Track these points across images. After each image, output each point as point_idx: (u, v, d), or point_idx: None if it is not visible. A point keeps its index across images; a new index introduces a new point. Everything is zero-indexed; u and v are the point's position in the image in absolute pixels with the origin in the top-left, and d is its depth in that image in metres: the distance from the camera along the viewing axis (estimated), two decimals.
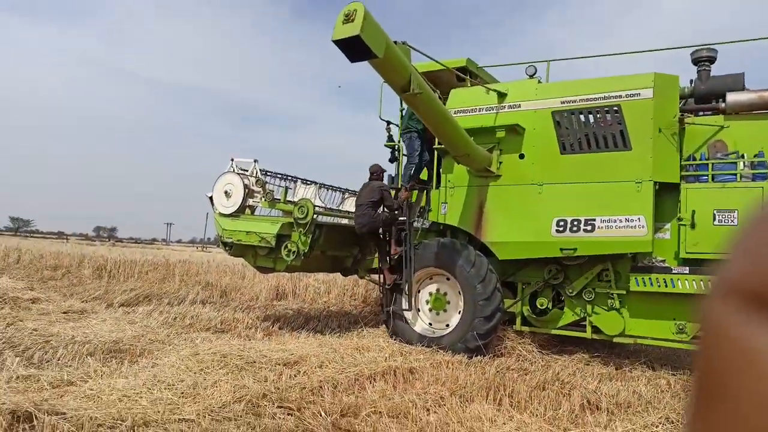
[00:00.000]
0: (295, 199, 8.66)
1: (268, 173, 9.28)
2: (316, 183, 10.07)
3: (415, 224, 7.79)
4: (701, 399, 0.33)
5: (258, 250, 7.95)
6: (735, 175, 6.22)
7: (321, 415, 4.67)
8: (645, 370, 6.84)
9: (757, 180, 6.12)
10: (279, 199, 8.67)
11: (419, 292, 7.75)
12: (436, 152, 7.93)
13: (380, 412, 4.89)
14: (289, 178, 9.81)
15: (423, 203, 8.05)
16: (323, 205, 10.02)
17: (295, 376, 5.83)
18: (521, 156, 7.23)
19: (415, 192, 8.01)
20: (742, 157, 6.27)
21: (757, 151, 6.23)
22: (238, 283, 12.91)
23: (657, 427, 4.83)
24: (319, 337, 7.76)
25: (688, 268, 6.32)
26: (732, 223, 6.11)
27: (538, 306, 7.46)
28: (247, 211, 8.68)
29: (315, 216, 7.70)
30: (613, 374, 6.57)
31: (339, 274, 9.73)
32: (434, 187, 7.95)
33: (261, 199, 8.64)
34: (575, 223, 6.75)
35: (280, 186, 9.32)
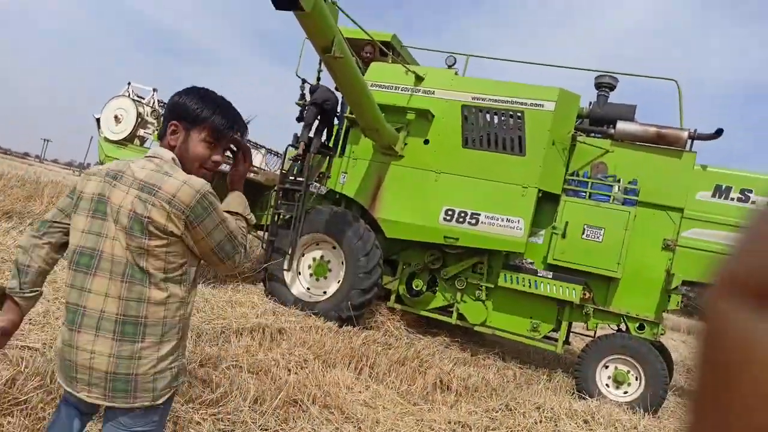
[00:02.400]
0: None
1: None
2: None
3: (311, 188, 7.74)
4: (703, 394, 0.33)
5: None
6: (609, 196, 6.80)
7: None
8: (496, 360, 7.38)
9: (627, 205, 6.73)
10: None
11: (303, 255, 7.75)
12: (345, 120, 7.90)
13: (241, 366, 4.87)
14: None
15: (323, 169, 8.00)
16: None
17: None
18: (426, 142, 7.39)
19: (318, 156, 7.94)
20: (619, 181, 6.87)
21: (632, 179, 6.85)
22: None
23: (497, 412, 5.24)
24: None
25: (551, 273, 6.86)
26: (597, 240, 6.71)
27: (414, 287, 7.75)
28: (137, 141, 8.14)
29: None
30: (467, 359, 7.02)
31: None
32: (337, 155, 7.92)
33: (154, 132, 8.14)
34: (462, 214, 7.06)
35: None
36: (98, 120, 8.11)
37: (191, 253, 1.80)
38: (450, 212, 7.12)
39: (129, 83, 8.43)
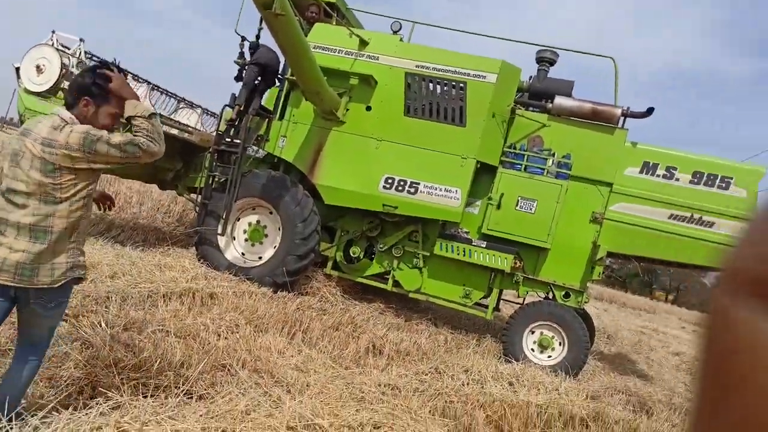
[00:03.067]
0: None
1: (94, 58, 8.19)
2: (148, 82, 9.16)
3: (248, 151, 7.52)
4: (708, 389, 0.33)
5: None
6: (543, 169, 6.98)
7: (100, 326, 4.37)
8: (429, 326, 7.55)
9: (560, 178, 6.94)
10: None
11: (238, 220, 7.57)
12: (286, 83, 7.67)
13: (168, 331, 4.74)
14: (119, 71, 8.78)
15: (262, 131, 7.77)
16: (152, 108, 9.18)
17: None
18: (368, 108, 7.30)
19: (257, 118, 7.70)
20: (553, 155, 7.05)
21: (566, 153, 7.04)
22: None
23: (426, 375, 5.37)
24: (118, 248, 7.21)
25: (485, 242, 7.02)
26: (530, 211, 6.90)
27: (351, 254, 7.75)
28: (60, 94, 7.60)
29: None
30: (401, 325, 7.14)
31: (156, 186, 9.09)
32: (277, 118, 7.71)
33: None
34: (401, 183, 7.07)
35: None
36: (18, 70, 7.50)
37: (89, 178, 2.49)
38: (390, 180, 7.12)
39: (53, 32, 7.82)
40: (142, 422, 2.55)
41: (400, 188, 7.06)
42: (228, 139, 7.43)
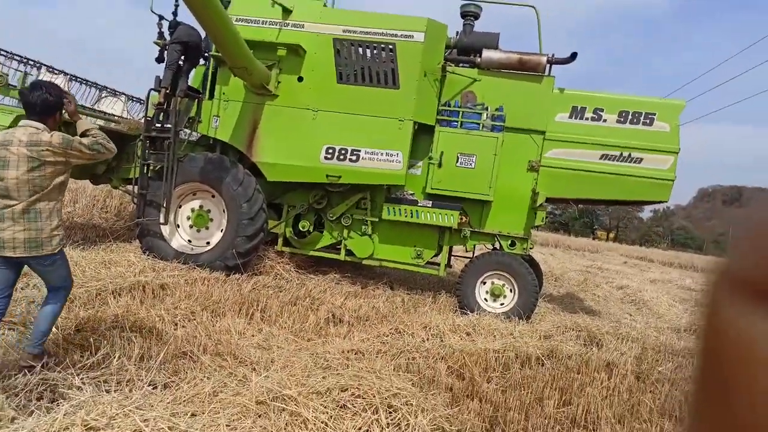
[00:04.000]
0: None
1: (2, 52, 7.67)
2: (65, 73, 8.67)
3: (180, 135, 7.30)
4: (703, 392, 0.33)
5: None
6: (479, 124, 7.13)
7: (51, 331, 4.24)
8: (385, 290, 7.69)
9: (495, 131, 7.11)
10: (15, 86, 7.28)
11: (180, 207, 7.40)
12: (212, 60, 7.45)
13: (123, 326, 4.65)
14: (31, 62, 8.26)
15: (193, 113, 7.55)
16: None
17: (22, 288, 5.17)
18: (300, 79, 7.20)
19: (185, 100, 7.46)
20: (487, 109, 7.20)
21: (498, 106, 7.20)
22: None
23: (387, 336, 5.52)
24: None
25: (431, 202, 7.16)
26: (470, 166, 7.06)
27: (300, 228, 7.74)
28: None
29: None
30: (358, 292, 7.25)
31: (88, 182, 8.72)
32: (207, 97, 7.50)
33: None
34: (342, 152, 7.07)
35: (17, 70, 7.80)
36: None
37: (65, 169, 3.44)
38: (330, 150, 7.10)
39: None
40: (109, 417, 2.54)
41: (341, 157, 7.06)
42: (158, 125, 7.17)
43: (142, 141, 7.17)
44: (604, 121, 6.97)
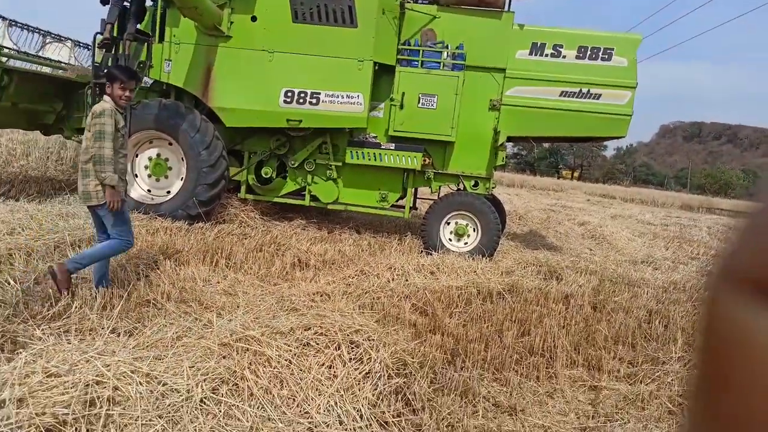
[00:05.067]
0: None
1: None
2: (4, 18, 8.17)
3: None
4: (703, 383, 0.33)
5: None
6: (439, 63, 7.04)
7: (9, 284, 4.18)
8: (352, 234, 7.75)
9: (456, 70, 7.04)
10: None
11: (137, 156, 7.20)
12: (160, 1, 7.08)
13: (84, 277, 4.61)
14: None
15: (143, 57, 7.23)
16: (15, 47, 8.26)
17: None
18: (253, 18, 6.93)
19: (134, 44, 7.12)
20: (447, 47, 7.10)
21: (458, 44, 7.10)
22: None
23: (352, 278, 5.61)
24: (11, 204, 6.71)
25: (393, 144, 7.13)
26: (431, 107, 7.02)
27: (263, 175, 7.65)
28: None
29: (3, 59, 6.33)
30: (324, 237, 7.28)
31: (39, 132, 8.38)
32: (157, 40, 7.17)
33: None
34: (302, 95, 6.92)
35: None
36: None
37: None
38: (290, 94, 6.95)
39: None
40: (70, 364, 2.55)
41: (301, 101, 6.93)
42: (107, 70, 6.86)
43: (92, 88, 6.87)
44: (564, 57, 6.96)
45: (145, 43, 7.14)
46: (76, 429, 2.27)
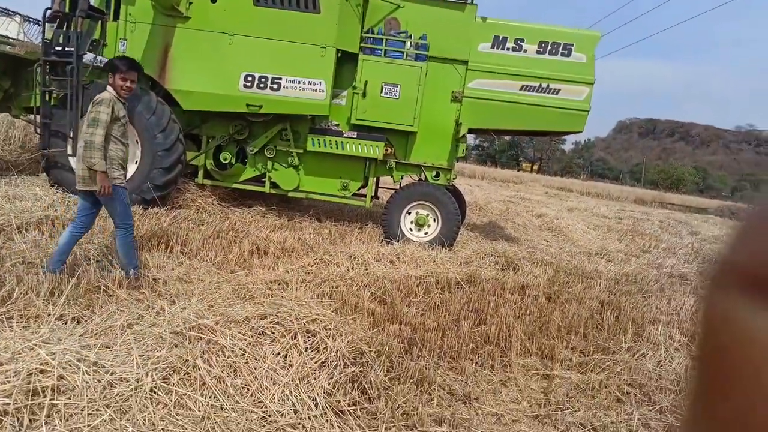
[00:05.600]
0: None
1: None
2: None
3: (84, 59, 6.74)
4: (702, 384, 0.33)
5: None
6: (402, 53, 7.02)
7: None
8: (312, 222, 7.70)
9: (419, 60, 7.04)
10: None
11: None
12: None
13: (30, 262, 4.43)
14: None
15: (97, 36, 6.95)
16: None
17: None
18: (213, 0, 6.76)
19: (87, 21, 6.83)
20: (410, 37, 7.08)
21: (422, 34, 7.10)
22: None
23: (312, 266, 5.57)
24: None
25: (356, 133, 7.10)
26: (394, 97, 7.00)
27: (222, 160, 7.50)
28: None
29: None
30: (284, 224, 7.21)
31: None
32: (111, 18, 6.91)
33: None
34: (263, 80, 6.80)
35: None
36: None
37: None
38: (250, 78, 6.81)
39: None
40: (12, 352, 2.45)
41: (261, 85, 6.80)
42: (58, 48, 6.58)
43: (42, 66, 6.58)
44: (525, 51, 7.05)
45: (99, 21, 6.87)
46: (18, 419, 2.19)
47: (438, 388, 3.44)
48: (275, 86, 6.79)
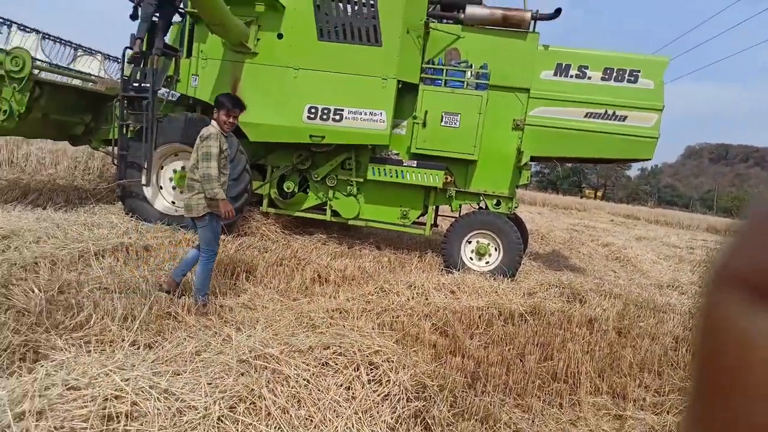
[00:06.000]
0: (8, 48, 7.14)
1: None
2: (37, 32, 8.41)
3: (159, 94, 7.14)
4: (700, 387, 0.33)
5: None
6: (463, 82, 7.03)
7: (33, 292, 4.23)
8: (372, 250, 7.72)
9: (479, 89, 7.02)
10: None
11: (162, 168, 7.30)
12: (188, 17, 7.22)
13: (106, 288, 4.65)
14: (1, 20, 8.00)
15: (171, 72, 7.36)
16: (47, 59, 8.49)
17: (3, 251, 5.12)
18: (280, 36, 7.02)
19: (162, 58, 7.25)
20: (471, 67, 7.09)
21: (482, 63, 7.09)
22: None
23: (372, 295, 5.57)
24: (38, 212, 6.85)
25: (416, 162, 7.12)
26: (454, 126, 7.00)
27: (285, 189, 7.69)
28: None
29: (35, 71, 6.50)
30: (344, 252, 7.27)
31: (68, 143, 8.56)
32: (185, 55, 7.30)
33: None
34: (325, 111, 6.96)
35: None
36: None
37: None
38: (313, 110, 6.99)
39: None
40: (90, 377, 2.55)
41: (324, 117, 6.96)
42: (136, 84, 7.00)
43: (120, 101, 7.01)
44: (589, 78, 6.90)
45: (173, 58, 7.27)
46: None
47: (504, 426, 3.32)
48: (337, 117, 6.93)
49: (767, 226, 0.31)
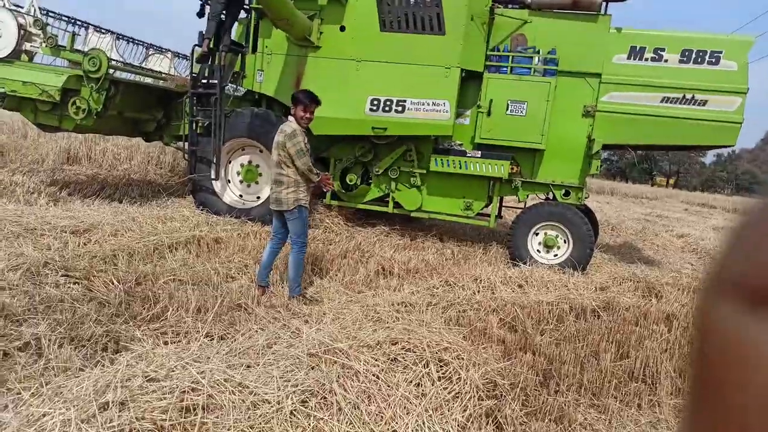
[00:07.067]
0: (86, 49, 7.50)
1: (50, 13, 7.82)
2: (112, 32, 8.79)
3: (226, 90, 7.31)
4: (697, 392, 0.33)
5: (39, 105, 6.85)
6: (530, 69, 6.79)
7: (113, 284, 4.44)
8: (435, 242, 7.63)
9: (547, 76, 6.76)
10: (64, 47, 7.43)
11: (230, 163, 7.49)
12: (253, 13, 7.34)
13: (180, 279, 4.81)
14: (78, 23, 8.40)
15: (237, 68, 7.52)
16: (121, 59, 8.86)
17: (84, 244, 5.40)
18: (342, 28, 7.01)
19: (229, 54, 7.41)
20: (538, 52, 6.84)
21: (550, 48, 6.83)
22: (18, 142, 11.17)
23: (437, 288, 5.50)
24: (115, 206, 7.20)
25: (480, 152, 6.96)
26: (521, 114, 6.78)
27: (348, 182, 7.71)
28: (24, 57, 7.31)
29: (111, 71, 6.79)
30: (407, 245, 7.22)
31: (141, 139, 8.94)
32: (250, 51, 7.43)
33: (41, 44, 7.31)
34: (388, 103, 6.91)
35: (65, 31, 7.96)
36: None
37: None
38: (375, 102, 6.96)
39: None
40: (168, 369, 2.62)
41: (387, 108, 6.91)
42: (204, 81, 7.20)
43: (190, 97, 7.23)
44: (666, 61, 6.50)
45: (240, 54, 7.42)
46: None
47: (579, 427, 3.19)
48: (400, 108, 6.87)
49: (765, 228, 0.30)
